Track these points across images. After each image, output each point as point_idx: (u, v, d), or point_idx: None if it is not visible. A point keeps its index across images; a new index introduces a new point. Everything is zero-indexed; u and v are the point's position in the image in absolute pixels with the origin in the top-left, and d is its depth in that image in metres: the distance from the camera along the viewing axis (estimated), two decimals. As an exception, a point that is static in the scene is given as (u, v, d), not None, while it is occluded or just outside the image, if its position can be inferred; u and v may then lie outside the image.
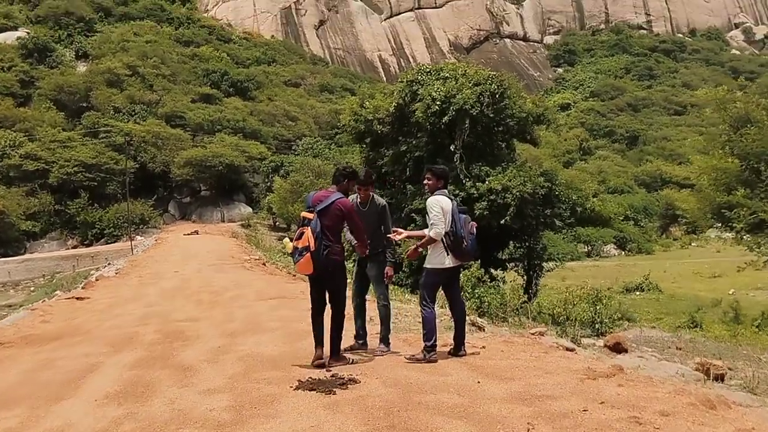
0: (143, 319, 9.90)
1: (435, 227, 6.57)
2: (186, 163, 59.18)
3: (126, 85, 74.11)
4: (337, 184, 6.72)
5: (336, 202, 6.48)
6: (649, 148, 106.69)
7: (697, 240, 73.58)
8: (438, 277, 6.82)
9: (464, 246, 6.72)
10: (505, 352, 6.74)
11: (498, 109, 21.92)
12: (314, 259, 6.30)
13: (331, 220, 6.45)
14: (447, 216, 6.65)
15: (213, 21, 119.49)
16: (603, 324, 9.04)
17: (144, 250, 31.67)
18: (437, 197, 6.72)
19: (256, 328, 8.57)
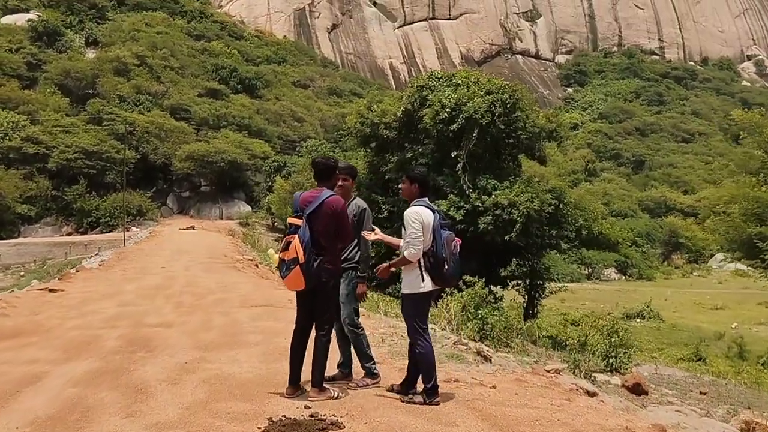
0: (112, 320, 9.06)
1: (411, 246, 5.53)
2: (188, 157, 58.53)
3: (133, 74, 73.50)
4: (324, 180, 5.81)
5: (326, 200, 5.58)
6: (655, 174, 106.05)
7: (698, 269, 72.89)
8: (426, 301, 5.82)
9: (445, 270, 5.68)
10: (520, 395, 5.72)
11: (509, 120, 21.11)
12: (304, 272, 5.43)
13: (323, 224, 5.55)
14: (428, 233, 5.61)
15: (226, 17, 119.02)
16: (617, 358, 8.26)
17: (136, 242, 30.83)
18: (417, 209, 5.63)
19: (233, 341, 7.68)
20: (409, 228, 5.53)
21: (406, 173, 5.96)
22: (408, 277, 5.67)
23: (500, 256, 22.09)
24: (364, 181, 24.38)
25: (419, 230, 5.49)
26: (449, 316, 10.44)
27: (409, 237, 5.51)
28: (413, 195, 5.77)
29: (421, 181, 5.80)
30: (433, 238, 5.58)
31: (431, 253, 5.56)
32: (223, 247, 29.01)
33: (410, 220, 5.53)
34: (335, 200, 5.60)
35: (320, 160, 5.90)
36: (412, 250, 5.49)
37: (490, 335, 10.72)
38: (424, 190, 5.81)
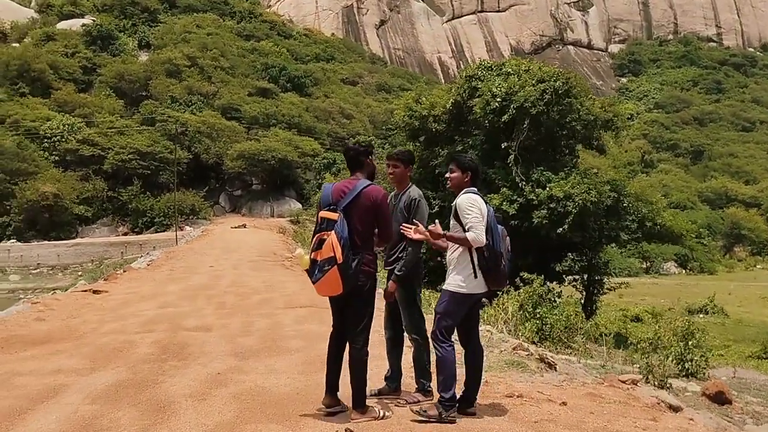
0: (149, 323, 8.72)
1: (474, 230, 4.86)
2: (239, 156, 58.64)
3: (185, 75, 74.13)
4: (358, 168, 5.13)
5: (364, 190, 4.90)
6: (715, 164, 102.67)
7: (762, 262, 70.25)
8: (464, 305, 5.05)
9: (501, 267, 5.03)
10: (596, 414, 4.88)
11: (563, 110, 20.23)
12: (342, 273, 4.72)
13: (361, 218, 4.89)
14: (484, 220, 4.97)
15: (275, 16, 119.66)
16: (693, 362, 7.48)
17: (188, 241, 30.92)
18: (473, 196, 5.05)
19: (273, 347, 7.23)
20: (467, 214, 4.92)
21: (456, 159, 5.32)
22: (456, 273, 5.01)
23: (556, 251, 21.24)
24: (414, 176, 23.78)
25: (479, 216, 4.92)
26: (506, 317, 9.80)
27: (470, 222, 4.89)
28: (462, 185, 5.16)
29: (474, 169, 5.20)
30: (490, 231, 4.95)
31: (487, 248, 4.91)
32: (273, 244, 28.82)
33: (467, 207, 4.93)
34: (375, 190, 4.95)
35: (351, 147, 5.38)
36: (476, 233, 4.85)
37: (550, 336, 10.04)
38: (475, 179, 5.21)
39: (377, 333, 5.75)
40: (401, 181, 5.53)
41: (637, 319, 31.61)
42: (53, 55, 71.22)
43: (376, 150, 69.49)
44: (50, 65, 68.42)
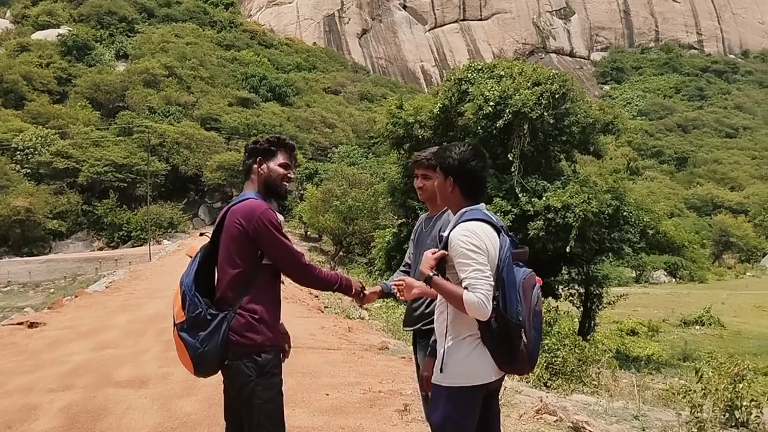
0: (71, 375, 7.05)
1: (474, 291, 2.91)
2: (219, 167, 57.37)
3: (163, 85, 72.94)
4: (245, 178, 3.57)
5: (232, 209, 3.34)
6: (700, 171, 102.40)
7: (752, 269, 69.41)
8: (470, 400, 3.13)
9: (523, 343, 3.06)
10: None
11: (559, 114, 18.88)
12: (186, 344, 3.20)
13: (231, 252, 3.28)
14: (492, 267, 3.03)
15: (255, 26, 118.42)
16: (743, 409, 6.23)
17: (161, 257, 29.24)
18: (471, 226, 3.06)
19: (220, 416, 5.38)
20: (463, 257, 2.97)
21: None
22: (450, 352, 3.10)
23: (552, 265, 19.84)
24: (399, 186, 22.33)
25: (484, 262, 2.96)
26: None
27: (467, 274, 2.94)
28: (449, 198, 3.28)
29: (467, 172, 3.20)
30: (501, 281, 3.02)
31: (501, 311, 3.00)
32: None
33: (462, 249, 2.98)
34: (245, 207, 3.29)
35: (246, 146, 3.68)
36: (473, 298, 2.89)
37: (562, 371, 8.61)
38: (472, 187, 3.23)
39: None
40: (435, 199, 3.65)
41: (633, 332, 30.35)
42: (27, 65, 69.80)
43: (358, 159, 68.76)
44: (24, 76, 66.93)
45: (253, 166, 3.50)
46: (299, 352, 7.40)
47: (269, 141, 3.60)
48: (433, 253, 3.16)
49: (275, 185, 3.52)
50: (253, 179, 3.49)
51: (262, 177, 3.49)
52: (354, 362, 7.39)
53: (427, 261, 3.14)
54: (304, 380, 6.44)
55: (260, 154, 3.53)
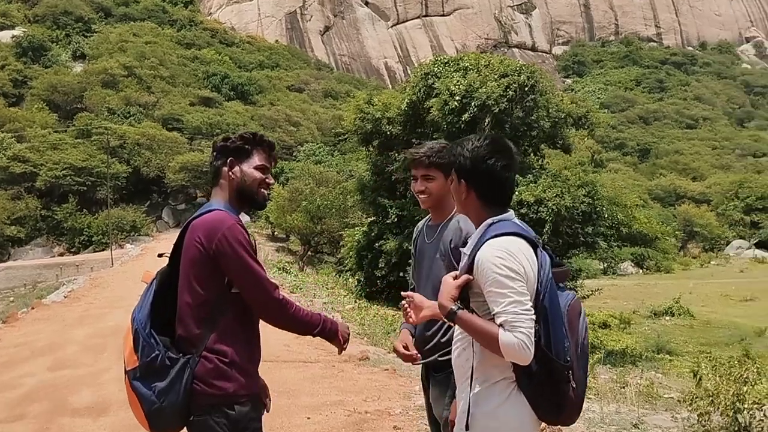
0: (24, 402, 6.38)
1: (513, 329, 2.27)
2: (182, 168, 56.43)
3: (122, 86, 71.45)
4: (213, 184, 2.94)
5: (192, 225, 2.74)
6: (662, 162, 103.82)
7: (716, 258, 70.37)
8: None
9: (570, 388, 2.41)
10: None
11: (527, 106, 18.62)
12: (140, 400, 2.59)
13: (190, 279, 2.66)
14: (531, 295, 2.39)
15: (216, 24, 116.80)
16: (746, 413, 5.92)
17: (123, 262, 28.39)
18: (506, 243, 2.41)
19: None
20: (496, 291, 2.33)
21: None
22: (477, 402, 2.48)
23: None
24: (369, 183, 21.93)
25: (523, 291, 2.33)
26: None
27: (504, 311, 2.29)
28: (467, 207, 2.64)
29: (479, 174, 2.55)
30: (543, 311, 2.38)
31: (545, 350, 2.36)
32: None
33: (495, 272, 2.34)
34: (209, 221, 2.68)
35: (215, 144, 3.01)
36: (512, 339, 2.27)
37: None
38: (491, 193, 2.58)
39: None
40: (440, 205, 3.21)
41: (605, 325, 30.33)
42: (-20, 68, 67.82)
43: (324, 157, 68.21)
44: (-24, 79, 65.04)
45: (223, 169, 2.84)
46: (274, 367, 6.94)
47: (243, 138, 2.93)
48: (455, 278, 2.50)
49: (251, 192, 2.85)
50: (223, 185, 2.83)
51: (234, 182, 2.83)
52: (334, 377, 6.94)
53: (448, 289, 2.47)
54: (281, 401, 5.90)
55: (232, 154, 2.85)
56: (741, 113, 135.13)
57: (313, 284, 22.13)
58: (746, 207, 77.96)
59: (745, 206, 78.11)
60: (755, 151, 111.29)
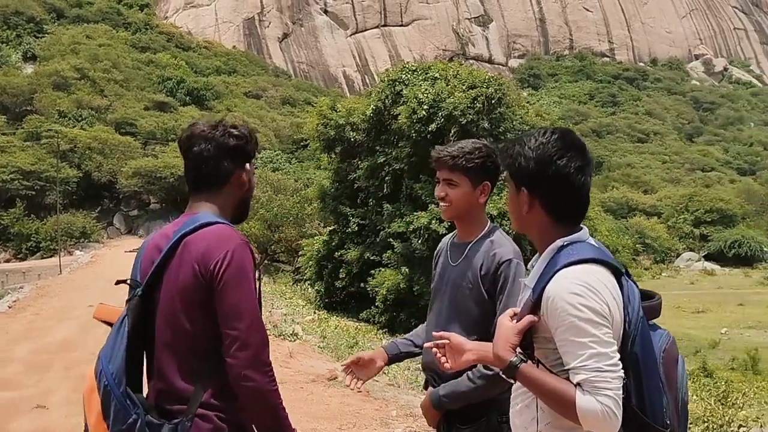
0: None
1: (597, 390, 1.75)
2: (135, 174, 55.08)
3: (74, 88, 69.65)
4: (205, 187, 2.25)
5: (189, 239, 2.08)
6: (614, 175, 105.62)
7: (667, 270, 71.61)
8: None
9: None
10: None
11: (494, 118, 18.42)
12: None
13: (175, 307, 2.06)
14: (617, 339, 1.84)
15: (172, 28, 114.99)
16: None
17: (72, 270, 27.34)
18: (585, 274, 1.85)
19: None
20: (572, 336, 1.80)
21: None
22: None
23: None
24: (330, 191, 21.48)
25: (608, 339, 1.79)
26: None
27: (582, 362, 1.77)
28: (529, 224, 2.09)
29: (547, 180, 1.99)
30: (633, 360, 1.84)
31: (636, 407, 1.84)
32: (172, 271, 25.63)
33: (572, 314, 1.80)
34: (218, 237, 2.08)
35: (193, 130, 2.28)
36: (594, 403, 1.74)
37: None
38: (565, 205, 2.03)
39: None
40: (466, 219, 2.77)
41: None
42: (-76, 69, 65.46)
43: (282, 164, 67.57)
44: None
45: (236, 173, 2.23)
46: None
47: (255, 138, 2.35)
48: (512, 317, 1.95)
49: (249, 203, 2.38)
50: (227, 192, 2.22)
51: (243, 190, 2.29)
52: (304, 400, 6.44)
53: (507, 335, 1.92)
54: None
55: (249, 158, 2.29)
56: (690, 128, 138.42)
57: (270, 294, 21.58)
58: (695, 220, 79.77)
59: (694, 219, 79.91)
60: (704, 166, 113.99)
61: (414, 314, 18.85)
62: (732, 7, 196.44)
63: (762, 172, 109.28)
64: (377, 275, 19.09)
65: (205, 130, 2.25)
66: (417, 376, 9.90)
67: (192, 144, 2.23)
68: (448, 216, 2.82)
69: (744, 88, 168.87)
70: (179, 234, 2.08)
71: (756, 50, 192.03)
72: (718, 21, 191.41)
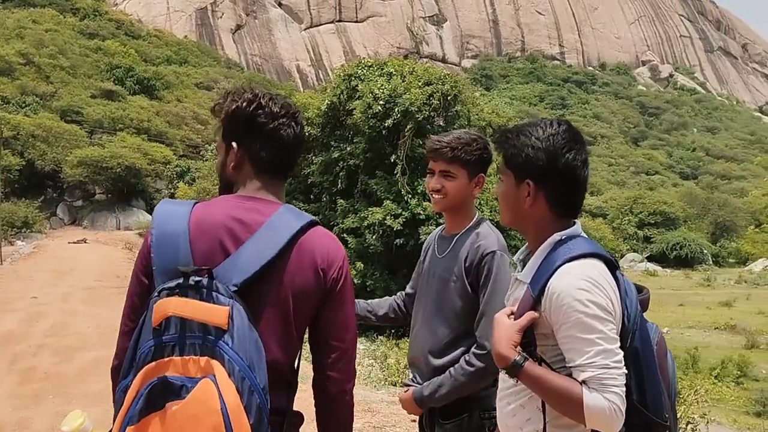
0: None
1: (605, 387, 1.71)
2: (80, 163, 53.62)
3: (18, 74, 67.53)
4: (280, 173, 1.98)
5: (304, 240, 1.81)
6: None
7: (611, 271, 73.23)
8: None
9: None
10: None
11: (449, 116, 18.51)
12: None
13: (284, 317, 1.79)
14: (617, 332, 1.82)
15: (122, 15, 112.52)
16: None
17: (13, 260, 26.49)
18: (589, 268, 1.84)
19: None
20: (578, 332, 1.76)
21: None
22: None
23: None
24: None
25: (613, 336, 1.77)
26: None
27: (588, 360, 1.73)
28: (529, 217, 2.03)
29: (557, 173, 1.96)
30: (633, 356, 1.83)
31: (639, 404, 1.83)
32: (118, 264, 25.04)
33: (579, 310, 1.75)
34: (333, 243, 1.91)
35: (253, 98, 2.05)
36: (602, 401, 1.70)
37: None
38: (570, 199, 2.04)
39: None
40: (458, 211, 2.72)
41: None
42: None
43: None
44: None
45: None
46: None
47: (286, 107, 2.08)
48: (511, 315, 1.88)
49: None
50: (278, 182, 2.02)
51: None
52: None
53: (507, 333, 1.84)
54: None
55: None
56: (636, 132, 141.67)
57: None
58: (639, 222, 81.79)
59: (638, 221, 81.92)
60: (648, 169, 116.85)
61: (365, 310, 18.81)
62: (679, 15, 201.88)
63: (703, 176, 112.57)
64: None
65: (294, 105, 2.07)
66: (370, 371, 9.89)
67: (296, 119, 2.03)
68: (441, 208, 2.76)
69: (688, 95, 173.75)
70: (295, 230, 1.81)
71: (700, 58, 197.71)
72: (665, 28, 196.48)
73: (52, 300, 13.97)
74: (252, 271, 1.72)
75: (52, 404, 6.05)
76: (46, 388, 6.68)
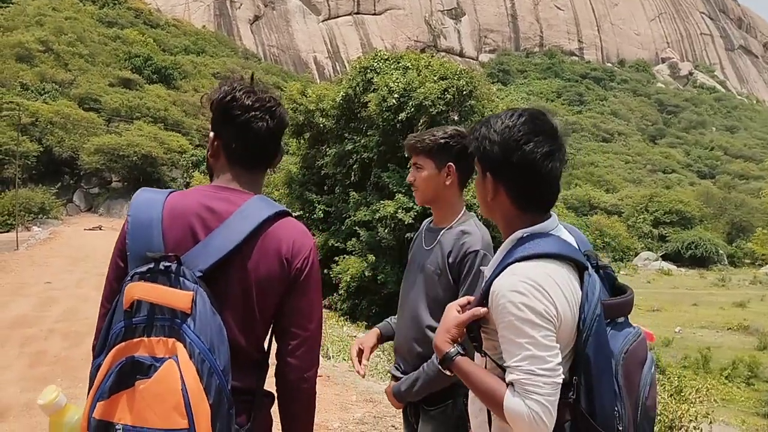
0: None
1: (528, 393, 1.66)
2: (97, 151, 54.09)
3: (38, 61, 68.10)
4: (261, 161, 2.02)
5: (271, 230, 1.88)
6: (578, 173, 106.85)
7: (625, 268, 72.84)
8: None
9: None
10: None
11: (464, 111, 18.47)
12: None
13: (250, 303, 1.86)
14: (567, 344, 1.76)
15: (141, 4, 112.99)
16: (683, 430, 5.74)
17: (29, 246, 26.76)
18: (533, 270, 1.74)
19: None
20: (509, 334, 1.72)
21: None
22: None
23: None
24: (297, 177, 21.34)
25: (548, 343, 1.68)
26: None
27: (516, 362, 1.69)
28: (494, 211, 1.96)
29: (512, 166, 1.85)
30: (584, 361, 1.73)
31: (574, 410, 1.75)
32: (132, 251, 25.17)
33: (511, 313, 1.70)
34: (301, 232, 1.95)
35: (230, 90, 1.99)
36: (521, 406, 1.66)
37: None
38: (530, 192, 1.90)
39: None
40: (439, 203, 2.74)
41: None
42: None
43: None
44: None
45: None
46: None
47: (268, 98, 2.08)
48: (464, 306, 1.89)
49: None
50: (259, 169, 2.06)
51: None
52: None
53: (447, 326, 1.88)
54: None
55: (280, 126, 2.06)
56: (653, 130, 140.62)
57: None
58: (655, 220, 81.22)
59: (653, 219, 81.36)
60: (665, 167, 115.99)
61: (376, 302, 18.87)
62: (700, 13, 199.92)
63: (721, 176, 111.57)
64: (341, 262, 19.05)
65: (274, 99, 2.06)
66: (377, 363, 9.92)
67: (271, 113, 2.01)
68: (419, 200, 2.79)
69: (707, 93, 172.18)
70: (262, 219, 1.87)
71: (721, 56, 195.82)
72: (685, 26, 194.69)
73: (66, 286, 14.14)
74: (217, 257, 1.80)
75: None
76: (55, 372, 6.79)
